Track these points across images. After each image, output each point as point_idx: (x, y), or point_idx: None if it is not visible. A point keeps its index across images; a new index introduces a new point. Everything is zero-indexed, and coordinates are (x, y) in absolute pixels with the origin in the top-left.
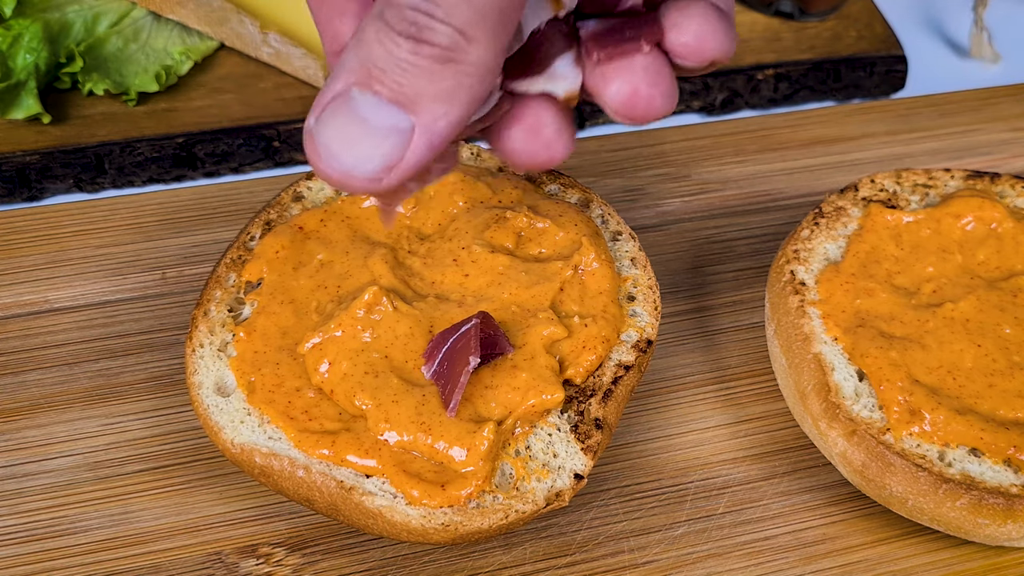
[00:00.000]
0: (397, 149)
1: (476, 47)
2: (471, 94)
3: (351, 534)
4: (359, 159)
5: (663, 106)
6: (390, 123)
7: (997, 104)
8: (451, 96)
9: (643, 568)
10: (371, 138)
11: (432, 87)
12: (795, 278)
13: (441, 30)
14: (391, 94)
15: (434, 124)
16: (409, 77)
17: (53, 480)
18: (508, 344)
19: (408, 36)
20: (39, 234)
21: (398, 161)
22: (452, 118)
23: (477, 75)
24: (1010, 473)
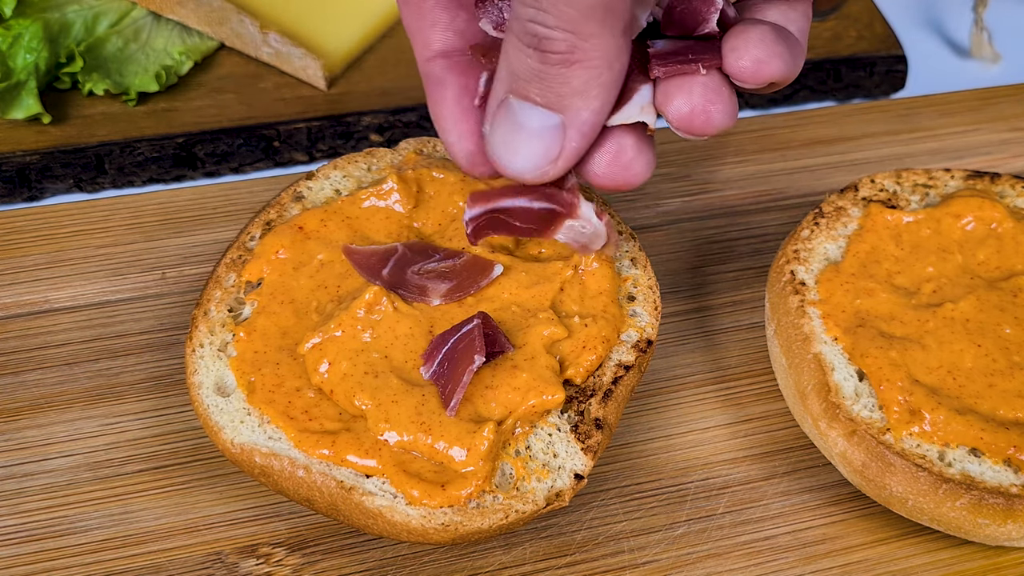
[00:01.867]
0: (554, 144)
1: (593, 41)
2: (602, 83)
3: (351, 534)
4: (525, 158)
5: (721, 122)
6: (542, 124)
7: (997, 104)
8: (586, 90)
9: (643, 568)
10: (531, 140)
11: (567, 87)
12: (795, 278)
13: (557, 36)
14: (538, 99)
15: (579, 117)
16: (546, 83)
17: (53, 480)
18: (508, 343)
19: (533, 47)
20: (39, 234)
21: (557, 154)
22: (594, 107)
23: (603, 66)
24: (1010, 473)
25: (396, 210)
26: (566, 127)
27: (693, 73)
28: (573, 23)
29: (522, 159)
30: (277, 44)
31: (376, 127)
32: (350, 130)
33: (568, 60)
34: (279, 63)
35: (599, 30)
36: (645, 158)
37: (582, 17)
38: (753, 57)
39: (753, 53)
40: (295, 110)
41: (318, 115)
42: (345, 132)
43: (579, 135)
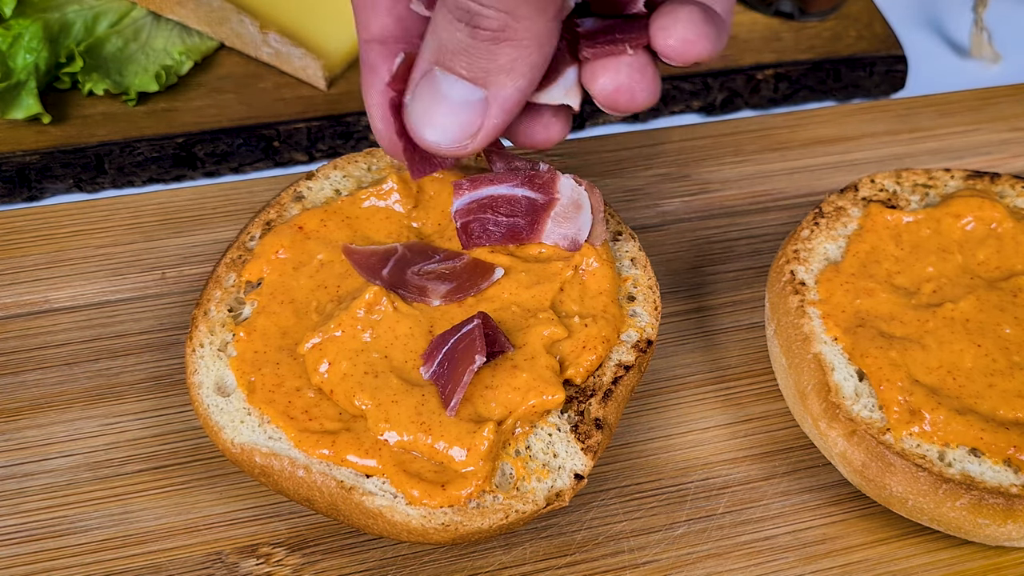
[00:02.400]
0: (475, 118)
1: (525, 22)
2: (530, 63)
3: (351, 534)
4: (444, 130)
5: (645, 100)
6: (466, 97)
7: (997, 104)
8: (512, 68)
9: (643, 568)
10: (452, 113)
11: (494, 63)
12: (795, 278)
13: (490, 14)
14: (464, 72)
15: (502, 93)
16: (473, 57)
17: (53, 480)
18: (508, 343)
19: (464, 22)
20: (39, 234)
21: (477, 128)
22: (519, 86)
23: (532, 46)
24: (1010, 473)
25: (396, 210)
26: (489, 102)
27: (620, 53)
28: (508, 3)
29: (441, 130)
30: (277, 44)
31: None
32: (350, 130)
33: (498, 37)
34: (279, 63)
35: (532, 12)
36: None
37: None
38: (680, 37)
39: (681, 33)
40: (295, 110)
41: (318, 115)
42: (345, 132)
43: (501, 111)
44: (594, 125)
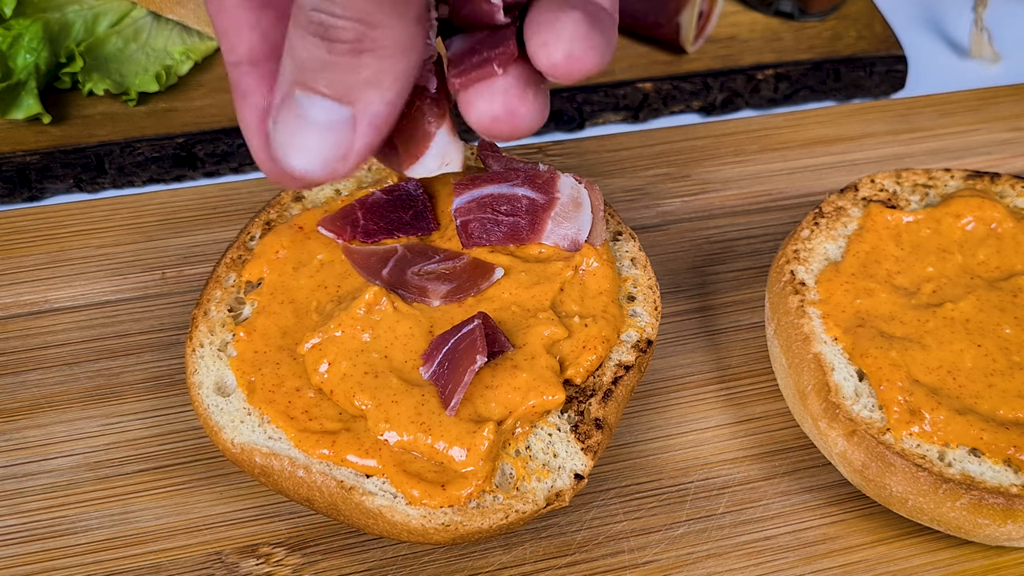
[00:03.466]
0: (344, 138)
1: (384, 30)
2: (395, 73)
3: (351, 534)
4: (312, 155)
5: (528, 126)
6: (330, 117)
7: (997, 104)
8: (378, 80)
9: (643, 568)
10: (320, 135)
11: (357, 77)
12: (795, 278)
13: (344, 25)
14: (326, 90)
15: (370, 109)
16: (334, 73)
17: (53, 480)
18: (508, 343)
19: (319, 36)
20: (39, 234)
21: (347, 149)
22: (387, 98)
23: (396, 53)
24: (1010, 473)
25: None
26: (356, 120)
27: (490, 76)
28: (361, 11)
29: (309, 156)
30: None
31: None
32: None
33: (357, 49)
34: None
35: (389, 18)
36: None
37: (371, 5)
38: (565, 52)
39: (565, 48)
40: None
41: None
42: None
43: (371, 128)
44: (594, 125)
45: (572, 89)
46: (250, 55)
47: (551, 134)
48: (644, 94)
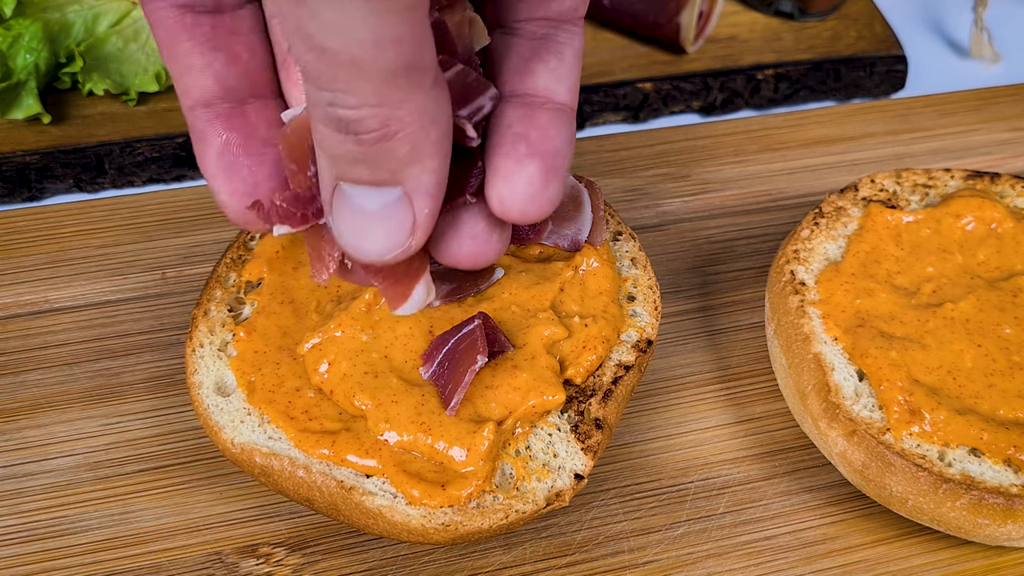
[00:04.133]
0: (405, 218)
1: (406, 106)
2: (431, 142)
3: (351, 534)
4: (378, 242)
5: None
6: (384, 202)
7: (997, 104)
8: (418, 156)
9: (643, 568)
10: (379, 221)
11: (396, 160)
12: (795, 278)
13: (365, 115)
14: (368, 179)
15: (420, 183)
16: (372, 163)
17: (53, 480)
18: (508, 343)
19: (344, 132)
20: (39, 234)
21: (412, 226)
22: (432, 167)
23: (426, 125)
24: (1010, 473)
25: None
26: (410, 197)
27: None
28: (377, 95)
29: (377, 244)
30: None
31: None
32: None
33: (387, 135)
34: None
35: (408, 93)
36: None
37: (385, 86)
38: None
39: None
40: None
41: None
42: None
43: (428, 199)
44: (594, 125)
45: None
46: (203, 98)
47: None
48: (644, 94)
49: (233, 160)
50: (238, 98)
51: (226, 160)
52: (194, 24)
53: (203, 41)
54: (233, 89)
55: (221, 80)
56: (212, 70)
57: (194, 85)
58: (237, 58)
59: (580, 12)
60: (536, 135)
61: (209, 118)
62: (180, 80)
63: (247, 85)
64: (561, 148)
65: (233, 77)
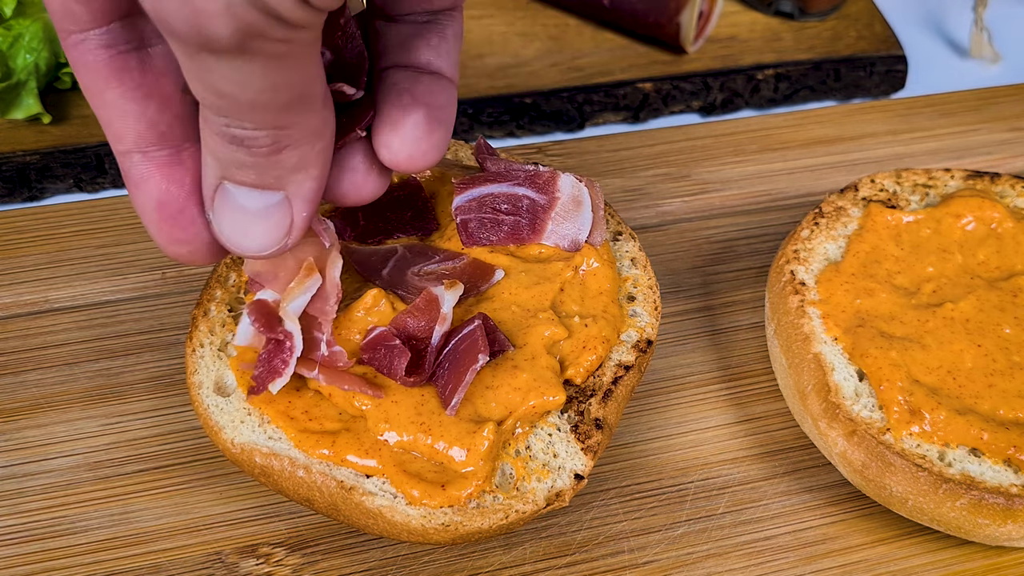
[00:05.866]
0: (283, 219)
1: (297, 127)
2: (315, 152)
3: (351, 534)
4: (257, 239)
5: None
6: (266, 204)
7: (997, 104)
8: (303, 164)
9: (643, 568)
10: (257, 221)
11: (282, 168)
12: (795, 278)
13: (259, 135)
14: (254, 182)
15: (302, 189)
16: (259, 170)
17: (53, 480)
18: (508, 343)
19: (237, 144)
20: (39, 234)
21: (289, 226)
22: (313, 175)
23: (312, 139)
24: (1010, 473)
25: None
26: (291, 200)
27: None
28: (272, 121)
29: (255, 240)
30: None
31: None
32: None
33: (275, 149)
34: None
35: (299, 116)
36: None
37: (279, 115)
38: (408, 154)
39: (408, 150)
40: None
41: None
42: None
43: (306, 204)
44: (594, 125)
45: (572, 89)
46: (138, 144)
47: (551, 134)
48: (644, 94)
49: (177, 210)
50: (173, 144)
51: (168, 211)
52: (122, 68)
53: (133, 87)
54: (167, 135)
55: (155, 126)
56: (146, 117)
57: (127, 132)
58: (169, 102)
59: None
60: (421, 89)
61: (147, 166)
62: (111, 126)
63: (180, 130)
64: (445, 104)
65: (166, 123)
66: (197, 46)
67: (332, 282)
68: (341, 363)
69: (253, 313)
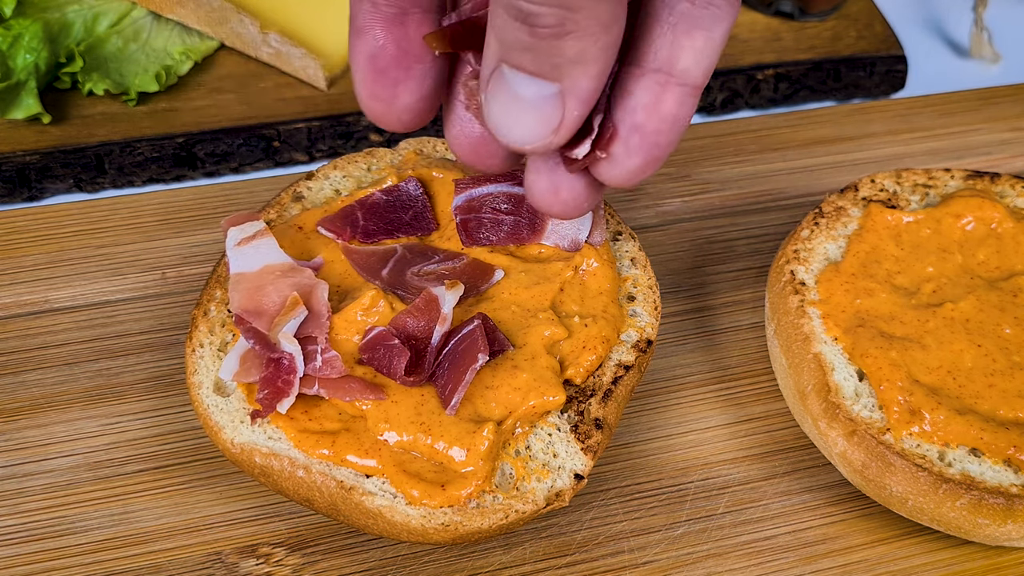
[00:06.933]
0: (554, 113)
1: (584, 12)
2: (598, 48)
3: (351, 534)
4: (524, 129)
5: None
6: (540, 94)
7: (997, 104)
8: (582, 57)
9: (643, 568)
10: (529, 110)
11: (562, 57)
12: (795, 278)
13: (545, 12)
14: (531, 68)
15: (577, 85)
16: (538, 54)
17: (53, 480)
18: (508, 342)
19: (521, 20)
20: (39, 234)
21: (559, 123)
22: (592, 73)
23: (598, 31)
24: (1010, 473)
25: None
26: (564, 95)
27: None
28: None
29: (522, 129)
30: (277, 44)
31: (376, 127)
32: (350, 130)
33: (560, 32)
34: (279, 63)
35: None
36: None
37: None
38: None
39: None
40: (295, 110)
41: (318, 115)
42: (345, 132)
43: (579, 102)
44: None
45: None
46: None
47: None
48: None
49: (384, 66)
50: (403, 5)
51: (378, 64)
52: None
53: None
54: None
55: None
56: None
57: None
58: None
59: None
60: (652, 128)
61: (372, 16)
62: None
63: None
64: (673, 141)
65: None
66: None
67: (320, 304)
68: (336, 370)
69: (249, 334)
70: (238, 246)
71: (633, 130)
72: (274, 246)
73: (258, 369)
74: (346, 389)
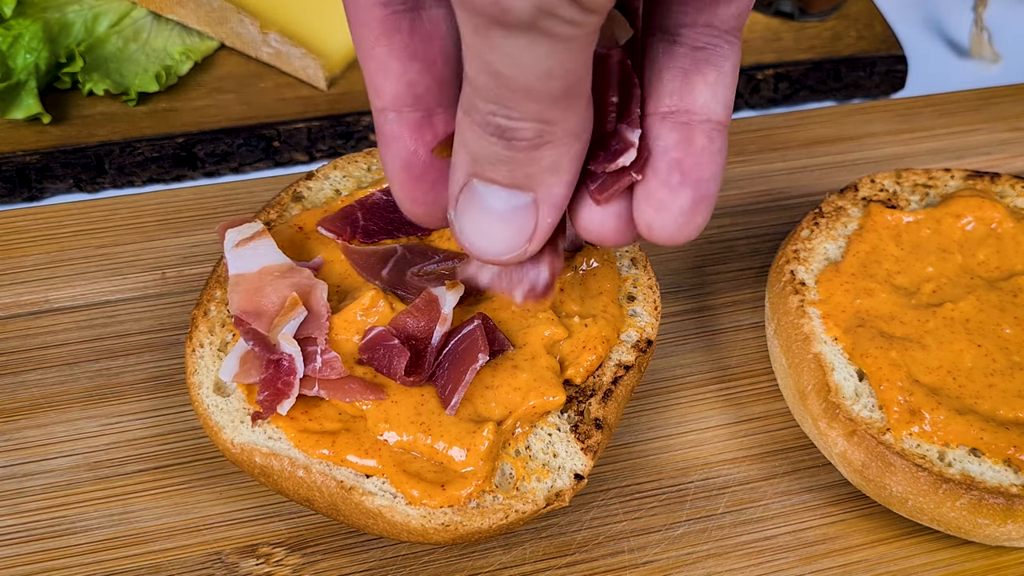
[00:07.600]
0: (528, 223)
1: (560, 124)
2: (571, 156)
3: (351, 534)
4: (497, 242)
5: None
6: (513, 205)
7: (997, 104)
8: (557, 166)
9: (643, 568)
10: (503, 222)
11: (537, 167)
12: (795, 278)
13: (524, 127)
14: (505, 180)
15: (551, 192)
16: (513, 166)
17: (53, 480)
18: (508, 342)
19: (497, 136)
20: (39, 234)
21: (532, 232)
22: (565, 180)
23: (571, 141)
24: (1010, 473)
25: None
26: (539, 204)
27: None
28: (539, 113)
29: (496, 243)
30: (277, 44)
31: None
32: (350, 130)
33: (536, 144)
34: (279, 63)
35: (564, 113)
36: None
37: (547, 107)
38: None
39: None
40: (295, 110)
41: (318, 115)
42: (345, 132)
43: (553, 209)
44: None
45: None
46: (395, 103)
47: None
48: None
49: (420, 172)
50: (427, 107)
51: (414, 171)
52: (394, 27)
53: (400, 47)
54: (423, 97)
55: (413, 87)
56: (406, 77)
57: (387, 89)
58: (431, 66)
59: (742, 21)
60: (691, 162)
61: (399, 125)
62: (372, 81)
63: (436, 95)
64: (715, 174)
65: (424, 86)
66: (490, 19)
67: (319, 305)
68: (336, 370)
69: (249, 336)
70: (236, 248)
71: (672, 168)
72: (272, 247)
73: (258, 370)
74: (346, 389)
